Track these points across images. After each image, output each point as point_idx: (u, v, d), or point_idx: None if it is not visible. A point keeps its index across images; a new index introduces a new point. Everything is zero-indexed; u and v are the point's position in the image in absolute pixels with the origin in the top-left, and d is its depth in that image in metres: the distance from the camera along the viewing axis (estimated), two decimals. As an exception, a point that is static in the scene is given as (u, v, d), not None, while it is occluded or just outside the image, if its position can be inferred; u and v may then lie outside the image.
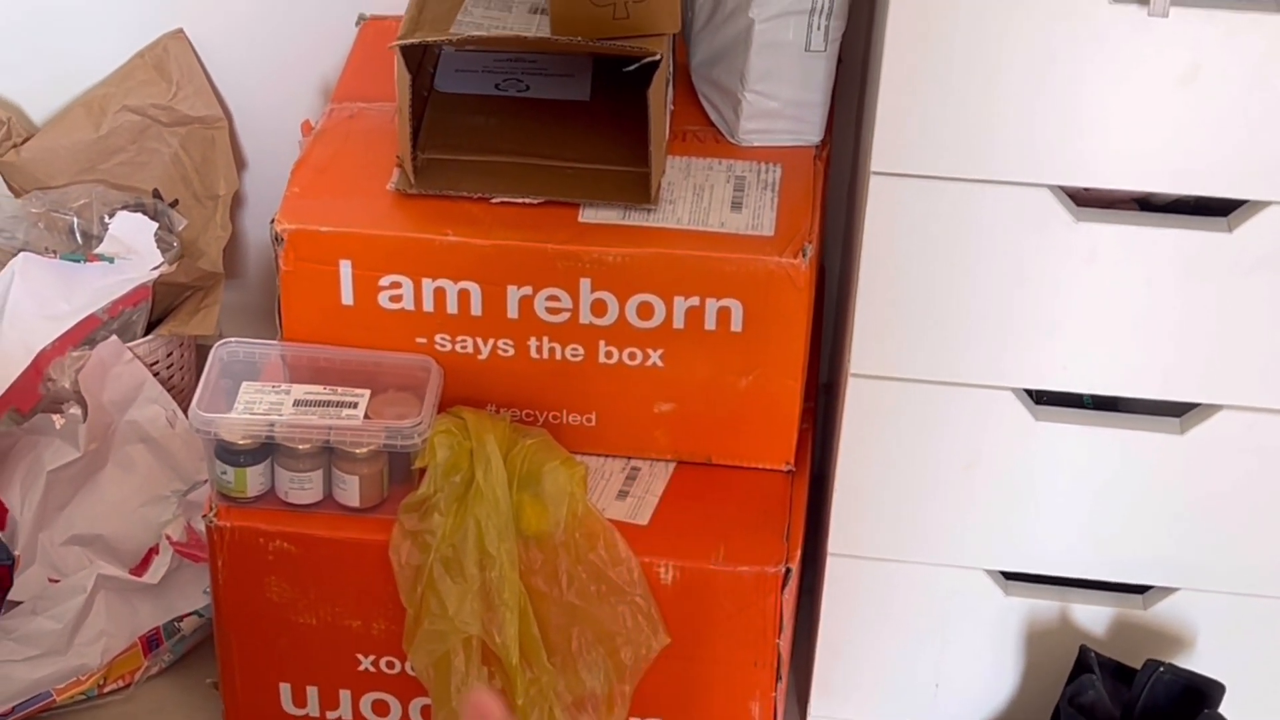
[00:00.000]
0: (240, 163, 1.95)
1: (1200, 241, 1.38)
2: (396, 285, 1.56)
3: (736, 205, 1.56)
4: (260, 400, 1.55)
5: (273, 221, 1.55)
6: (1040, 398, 1.50)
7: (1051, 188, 1.38)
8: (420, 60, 1.61)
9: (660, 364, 1.57)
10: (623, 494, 1.60)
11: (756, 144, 1.63)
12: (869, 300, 1.45)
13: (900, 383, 1.49)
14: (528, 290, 1.55)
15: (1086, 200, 1.40)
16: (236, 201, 1.94)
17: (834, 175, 1.79)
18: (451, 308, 1.56)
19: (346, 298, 1.57)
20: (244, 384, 1.56)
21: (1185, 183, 1.37)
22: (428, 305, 1.56)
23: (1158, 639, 1.59)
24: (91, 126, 1.88)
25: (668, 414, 1.60)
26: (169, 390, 1.82)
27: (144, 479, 1.81)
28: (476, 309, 1.56)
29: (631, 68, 1.52)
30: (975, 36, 1.32)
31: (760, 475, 1.61)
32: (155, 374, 1.81)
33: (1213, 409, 1.46)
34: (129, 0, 1.88)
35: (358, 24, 1.83)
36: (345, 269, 1.55)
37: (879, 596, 1.61)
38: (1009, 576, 1.60)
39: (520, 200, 1.56)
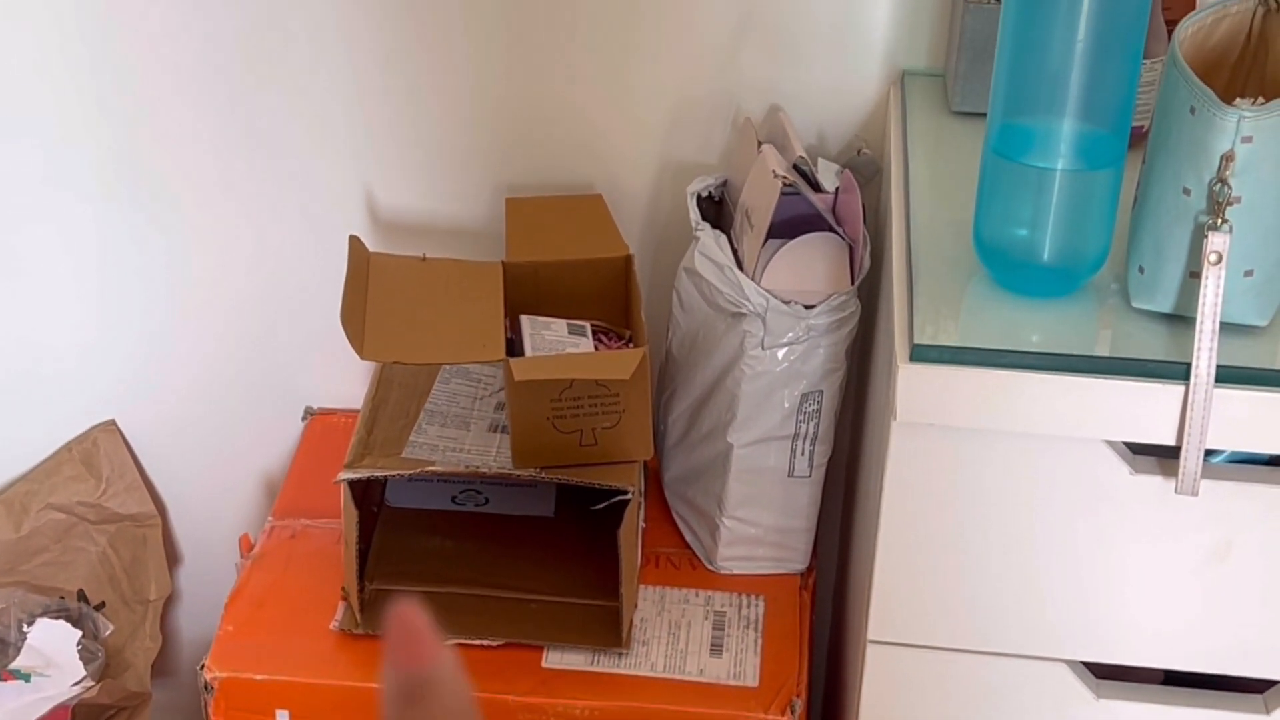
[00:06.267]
0: (175, 558, 1.80)
1: (1235, 723, 1.24)
2: (339, 736, 1.41)
3: (716, 648, 1.42)
4: None
5: (201, 667, 1.40)
6: None
7: (1069, 662, 1.24)
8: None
9: (632, 823, 1.41)
10: None
11: (736, 572, 1.50)
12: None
13: None
14: (485, 744, 1.39)
15: (1107, 670, 1.26)
16: (170, 600, 1.77)
17: (821, 599, 1.65)
18: (400, 761, 1.40)
19: (283, 749, 1.42)
20: None
21: (1216, 661, 1.23)
22: (373, 758, 1.41)
23: None
24: (11, 526, 1.72)
25: None
26: (87, 820, 1.64)
27: None
28: (428, 763, 1.40)
29: (600, 506, 1.39)
30: (980, 501, 1.18)
31: None
32: (72, 804, 1.63)
33: None
34: (56, 389, 1.72)
35: (304, 419, 1.70)
36: (283, 719, 1.41)
37: None
38: None
39: (478, 643, 1.42)
